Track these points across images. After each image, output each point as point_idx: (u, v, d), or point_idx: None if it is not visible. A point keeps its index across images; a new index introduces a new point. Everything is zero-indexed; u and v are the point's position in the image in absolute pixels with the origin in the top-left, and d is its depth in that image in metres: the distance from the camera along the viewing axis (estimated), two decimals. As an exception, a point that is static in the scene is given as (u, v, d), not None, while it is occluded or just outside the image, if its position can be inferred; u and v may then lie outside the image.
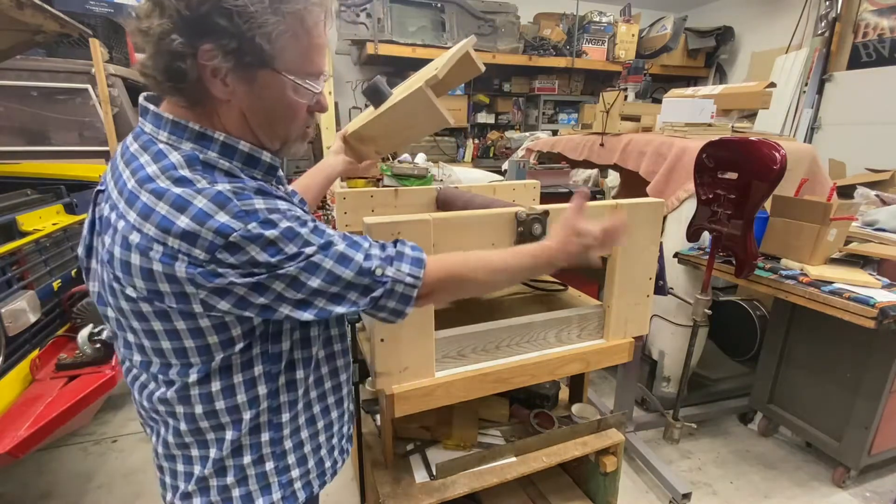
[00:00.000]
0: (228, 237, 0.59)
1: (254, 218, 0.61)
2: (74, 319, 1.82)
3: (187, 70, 0.62)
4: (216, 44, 0.61)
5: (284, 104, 0.69)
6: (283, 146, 0.75)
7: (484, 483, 1.21)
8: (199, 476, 0.77)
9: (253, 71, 0.65)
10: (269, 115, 0.70)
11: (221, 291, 0.62)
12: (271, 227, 0.62)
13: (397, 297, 0.72)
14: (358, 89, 5.22)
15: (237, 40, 0.61)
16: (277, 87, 0.67)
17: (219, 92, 0.65)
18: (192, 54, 0.61)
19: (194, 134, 0.66)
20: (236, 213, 0.60)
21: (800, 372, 2.14)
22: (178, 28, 0.60)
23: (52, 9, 1.69)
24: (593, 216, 1.10)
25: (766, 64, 4.80)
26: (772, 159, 1.53)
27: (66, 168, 2.49)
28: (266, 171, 0.73)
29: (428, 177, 3.80)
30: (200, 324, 0.67)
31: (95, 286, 0.74)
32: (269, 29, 0.62)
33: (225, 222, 0.59)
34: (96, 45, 2.51)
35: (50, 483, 1.99)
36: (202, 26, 0.60)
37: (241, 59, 0.63)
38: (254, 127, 0.70)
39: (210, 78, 0.64)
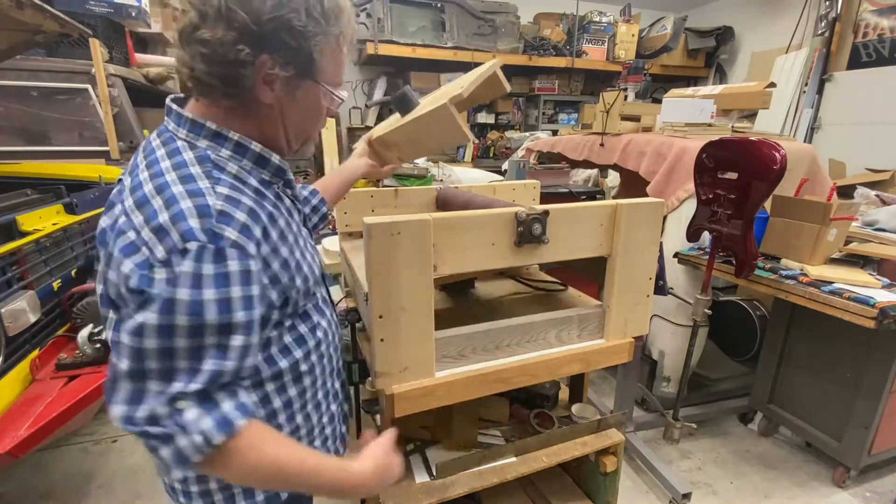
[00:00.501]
0: (187, 241, 0.60)
1: (215, 242, 0.61)
2: (74, 319, 1.82)
3: (246, 76, 0.68)
4: (275, 55, 0.68)
5: (317, 109, 0.79)
6: (303, 145, 0.84)
7: (484, 483, 1.21)
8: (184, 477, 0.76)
9: (300, 80, 0.73)
10: (303, 118, 0.78)
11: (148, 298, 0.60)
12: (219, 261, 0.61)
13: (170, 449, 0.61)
14: (358, 89, 5.23)
15: (293, 54, 0.69)
16: (315, 94, 0.76)
17: (266, 97, 0.71)
18: (252, 63, 0.67)
19: (210, 132, 0.71)
20: (206, 228, 0.61)
21: (800, 372, 2.14)
22: (245, 39, 0.65)
23: (52, 9, 1.69)
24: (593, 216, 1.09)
25: (766, 64, 4.80)
26: (772, 159, 1.53)
27: (66, 168, 2.49)
28: (274, 173, 0.78)
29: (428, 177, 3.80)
30: None
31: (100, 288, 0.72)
32: (320, 46, 0.71)
33: (194, 228, 0.60)
34: (96, 45, 2.51)
35: (50, 483, 2.00)
36: (266, 40, 0.66)
37: (294, 70, 0.70)
38: (287, 128, 0.77)
39: (261, 85, 0.70)
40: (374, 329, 0.99)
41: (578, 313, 1.23)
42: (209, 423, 0.61)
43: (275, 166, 0.77)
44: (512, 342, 1.17)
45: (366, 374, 1.33)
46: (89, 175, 2.43)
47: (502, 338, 1.16)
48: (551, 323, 1.21)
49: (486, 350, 1.15)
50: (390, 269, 0.96)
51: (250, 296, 0.65)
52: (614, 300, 1.23)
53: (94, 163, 2.70)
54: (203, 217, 0.61)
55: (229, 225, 0.63)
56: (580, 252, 1.16)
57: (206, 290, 0.61)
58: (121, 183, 0.71)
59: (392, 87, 5.00)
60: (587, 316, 1.25)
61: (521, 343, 1.18)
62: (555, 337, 1.22)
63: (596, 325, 1.26)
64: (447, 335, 1.10)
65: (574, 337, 1.24)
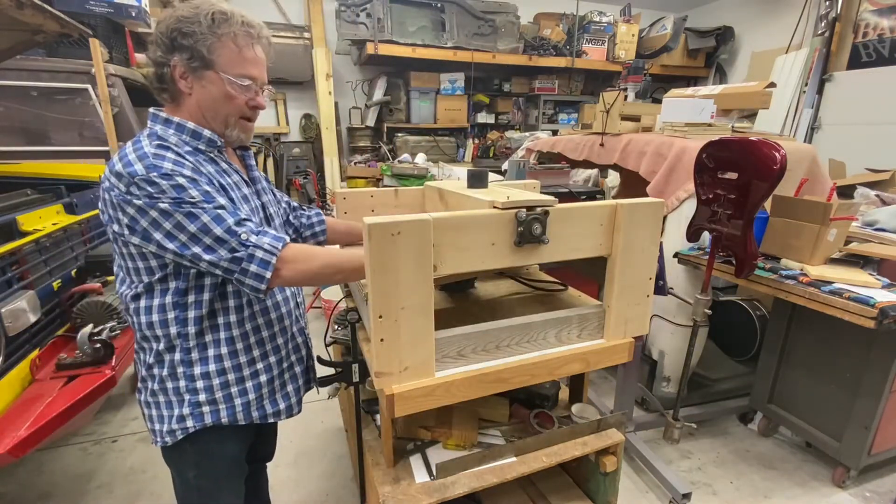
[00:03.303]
0: (134, 178, 0.90)
1: (157, 170, 0.91)
2: (74, 319, 1.82)
3: (165, 74, 1.00)
4: (179, 55, 0.98)
5: (223, 94, 1.02)
6: (226, 129, 1.06)
7: (484, 483, 1.21)
8: (142, 376, 1.09)
9: (202, 71, 1.00)
10: (213, 103, 1.03)
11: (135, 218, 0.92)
12: (168, 179, 0.91)
13: (257, 261, 0.94)
14: (358, 89, 5.23)
15: (191, 52, 0.97)
16: (217, 82, 1.01)
17: (183, 88, 1.01)
18: (167, 63, 0.99)
19: (162, 119, 1.03)
20: (147, 165, 0.91)
21: (800, 372, 2.14)
22: (161, 48, 0.99)
23: (52, 9, 1.69)
24: (593, 216, 1.09)
25: (766, 64, 4.80)
26: (772, 159, 1.53)
27: (66, 168, 2.49)
28: (207, 143, 1.04)
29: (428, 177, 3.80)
30: (130, 249, 0.98)
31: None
32: (209, 43, 0.98)
33: (136, 168, 0.91)
34: (96, 45, 2.51)
35: (50, 483, 2.00)
36: (173, 45, 0.98)
37: (193, 63, 0.99)
38: (204, 111, 1.04)
39: (178, 79, 1.01)
40: (374, 329, 0.99)
41: (578, 313, 1.23)
42: (269, 239, 0.96)
43: (206, 138, 1.04)
44: (512, 342, 1.17)
45: (366, 374, 1.33)
46: (89, 175, 2.43)
47: (502, 338, 1.16)
48: (551, 323, 1.21)
49: (486, 350, 1.15)
50: (390, 269, 0.96)
51: (206, 190, 0.94)
52: (614, 300, 1.23)
53: (94, 163, 2.70)
54: (142, 160, 0.92)
55: (164, 160, 0.93)
56: (580, 252, 1.16)
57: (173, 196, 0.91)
58: None
59: (392, 87, 5.00)
60: (587, 316, 1.24)
61: (520, 343, 1.18)
62: (555, 337, 1.22)
63: (596, 325, 1.26)
64: (447, 335, 1.10)
65: (574, 337, 1.24)
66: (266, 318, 1.13)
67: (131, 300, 1.02)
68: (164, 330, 1.02)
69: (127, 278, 1.02)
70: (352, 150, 5.23)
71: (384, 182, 4.14)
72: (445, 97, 5.07)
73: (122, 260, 1.01)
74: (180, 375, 1.04)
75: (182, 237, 0.92)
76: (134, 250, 0.97)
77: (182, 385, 1.05)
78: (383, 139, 5.05)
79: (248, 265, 0.93)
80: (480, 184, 1.33)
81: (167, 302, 1.00)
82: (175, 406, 1.05)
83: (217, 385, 1.06)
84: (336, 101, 4.90)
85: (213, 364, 1.06)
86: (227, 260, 0.93)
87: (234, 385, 1.08)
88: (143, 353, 1.07)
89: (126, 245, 0.97)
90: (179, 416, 1.05)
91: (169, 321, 1.01)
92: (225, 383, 1.07)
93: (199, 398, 1.05)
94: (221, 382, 1.07)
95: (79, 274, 2.00)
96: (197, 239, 0.92)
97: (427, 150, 4.85)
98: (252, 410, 1.11)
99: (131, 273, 1.00)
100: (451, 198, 1.39)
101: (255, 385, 1.12)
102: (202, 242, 0.92)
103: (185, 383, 1.04)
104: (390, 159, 4.64)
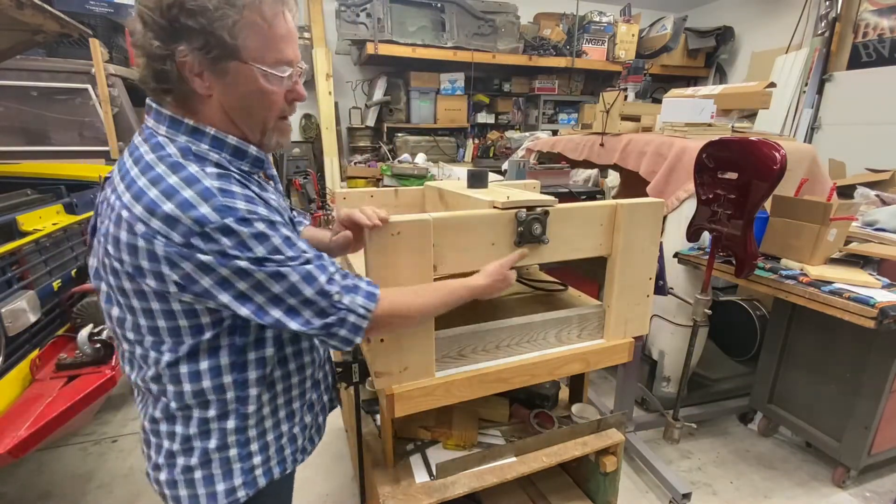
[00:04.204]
0: (205, 227, 0.66)
1: (232, 214, 0.67)
2: (74, 319, 1.82)
3: (169, 71, 0.70)
4: (187, 43, 0.68)
5: (258, 92, 0.75)
6: (262, 137, 0.80)
7: (484, 483, 1.21)
8: (168, 450, 0.83)
9: (223, 64, 0.71)
10: (245, 105, 0.76)
11: (191, 276, 0.68)
12: (247, 225, 0.68)
13: (348, 326, 0.78)
14: (358, 89, 5.23)
15: (204, 37, 0.68)
16: (249, 76, 0.73)
17: (200, 88, 0.72)
18: (170, 56, 0.69)
19: (189, 129, 0.74)
20: (217, 206, 0.67)
21: (800, 372, 2.14)
22: (158, 35, 0.68)
23: (52, 9, 1.69)
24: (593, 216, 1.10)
25: (766, 64, 4.80)
26: (772, 159, 1.53)
27: (66, 168, 2.49)
28: (252, 163, 0.80)
29: (428, 177, 3.80)
30: (172, 307, 0.73)
31: (95, 262, 0.80)
32: (228, 22, 0.68)
33: (205, 213, 0.66)
34: (96, 45, 2.51)
35: (50, 483, 1.99)
36: (175, 30, 0.68)
37: (210, 54, 0.69)
38: (234, 118, 0.76)
39: (190, 76, 0.71)
40: (374, 329, 0.99)
41: (578, 313, 1.24)
42: (362, 299, 0.79)
43: (252, 157, 0.79)
44: (512, 342, 1.17)
45: (366, 374, 1.33)
46: (89, 175, 2.43)
47: (502, 338, 1.16)
48: (551, 323, 1.21)
49: (486, 350, 1.15)
50: (390, 269, 0.96)
51: (287, 236, 0.74)
52: (614, 300, 1.23)
53: (94, 163, 2.70)
54: (207, 199, 0.67)
55: (234, 197, 0.69)
56: (580, 252, 1.16)
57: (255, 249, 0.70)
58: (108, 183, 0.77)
59: (392, 87, 5.00)
60: (587, 316, 1.25)
61: (520, 343, 1.18)
62: (555, 337, 1.22)
63: (596, 325, 1.26)
64: (447, 335, 1.10)
65: (574, 337, 1.24)
66: (310, 357, 0.97)
67: (168, 366, 0.77)
68: (218, 395, 0.80)
69: (157, 340, 0.76)
70: (352, 150, 5.23)
71: (384, 182, 4.15)
72: (445, 97, 5.07)
73: (148, 319, 0.75)
74: (232, 444, 0.84)
75: (259, 299, 0.72)
76: (178, 307, 0.73)
77: (233, 453, 0.84)
78: (383, 139, 5.05)
79: (337, 330, 0.77)
80: (480, 184, 1.33)
81: (223, 364, 0.79)
82: (221, 479, 0.84)
83: (271, 441, 0.89)
84: (336, 101, 4.90)
85: (269, 420, 0.88)
86: (317, 328, 0.76)
87: (286, 435, 0.92)
88: (176, 425, 0.82)
89: (164, 301, 0.73)
90: (229, 489, 0.85)
91: (226, 386, 0.80)
92: (279, 435, 0.91)
93: (252, 462, 0.87)
94: (276, 436, 0.90)
95: (79, 274, 1.99)
96: (279, 301, 0.73)
97: (427, 150, 4.85)
98: (298, 455, 0.96)
99: (164, 333, 0.75)
100: (451, 198, 1.39)
101: (302, 427, 0.96)
102: (285, 304, 0.73)
103: (236, 451, 0.85)
104: (390, 159, 4.64)
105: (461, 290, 0.97)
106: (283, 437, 0.91)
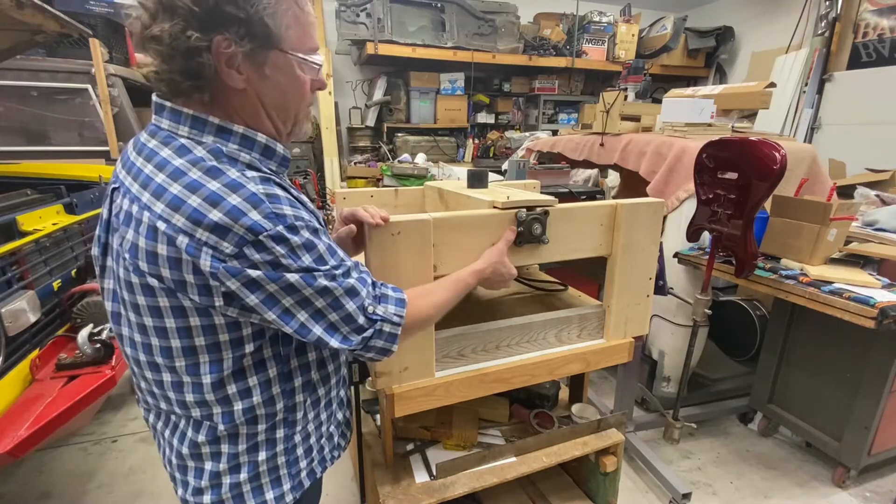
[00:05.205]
0: (258, 235, 0.62)
1: (282, 221, 0.64)
2: (74, 319, 1.82)
3: (205, 65, 0.64)
4: (228, 32, 0.63)
5: (295, 82, 0.73)
6: (294, 127, 0.78)
7: (484, 483, 1.21)
8: (213, 472, 0.78)
9: (264, 54, 0.67)
10: (282, 97, 0.73)
11: (243, 289, 0.64)
12: (296, 233, 0.66)
13: (385, 336, 0.76)
14: (358, 89, 5.22)
15: (246, 25, 0.64)
16: (287, 66, 0.70)
17: (235, 82, 0.67)
18: (207, 48, 0.63)
19: (215, 127, 0.68)
20: (268, 213, 0.63)
21: (800, 372, 2.14)
22: (192, 25, 0.62)
23: (52, 9, 1.69)
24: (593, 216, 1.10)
25: (766, 64, 4.80)
26: (772, 159, 1.53)
27: (66, 168, 2.48)
28: (280, 163, 0.77)
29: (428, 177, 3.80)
30: (215, 321, 0.69)
31: (110, 283, 0.74)
32: (271, 10, 0.65)
33: (258, 220, 0.62)
34: (96, 45, 2.51)
35: (50, 483, 1.99)
36: (213, 18, 0.62)
37: (253, 43, 0.65)
38: (269, 110, 0.73)
39: (226, 69, 0.66)
40: (374, 329, 0.99)
41: (578, 313, 1.24)
42: (393, 307, 0.77)
43: (280, 156, 0.76)
44: (512, 342, 1.17)
45: (366, 374, 1.33)
46: (89, 175, 2.43)
47: (502, 338, 1.16)
48: (551, 323, 1.21)
49: (486, 350, 1.15)
50: (390, 269, 0.96)
51: (329, 244, 0.72)
52: (614, 300, 1.23)
53: (94, 163, 2.70)
54: (258, 206, 0.63)
55: (282, 203, 0.66)
56: (580, 252, 1.16)
57: (303, 257, 0.67)
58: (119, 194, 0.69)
59: (392, 87, 5.00)
60: (587, 316, 1.25)
61: (520, 343, 1.18)
62: (555, 337, 1.22)
63: (596, 325, 1.26)
64: (447, 335, 1.10)
65: (574, 337, 1.24)
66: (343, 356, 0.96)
67: (213, 388, 0.72)
68: (268, 409, 0.77)
69: (193, 362, 0.71)
70: (352, 150, 5.23)
71: (384, 182, 4.14)
72: (445, 97, 5.07)
73: (184, 339, 0.69)
74: (281, 452, 0.82)
75: (303, 315, 0.69)
76: (221, 321, 0.69)
77: (282, 461, 0.83)
78: (383, 139, 5.05)
79: (375, 342, 0.76)
80: (480, 184, 1.33)
81: (271, 376, 0.76)
82: (270, 488, 0.82)
83: (314, 443, 0.89)
84: (336, 101, 4.90)
85: (312, 424, 0.87)
86: (356, 343, 0.74)
87: (325, 436, 0.91)
88: (222, 444, 0.77)
89: (206, 315, 0.68)
90: (278, 496, 0.82)
91: (276, 397, 0.78)
92: (320, 437, 0.90)
93: (299, 466, 0.86)
94: (317, 438, 0.89)
95: (79, 274, 1.99)
96: (321, 316, 0.70)
97: (427, 150, 4.85)
98: (335, 451, 0.96)
99: (202, 352, 0.70)
100: (451, 198, 1.39)
101: (336, 424, 0.96)
102: (326, 320, 0.70)
103: (284, 459, 0.83)
104: (390, 159, 4.64)
105: (467, 276, 0.97)
106: (322, 438, 0.91)
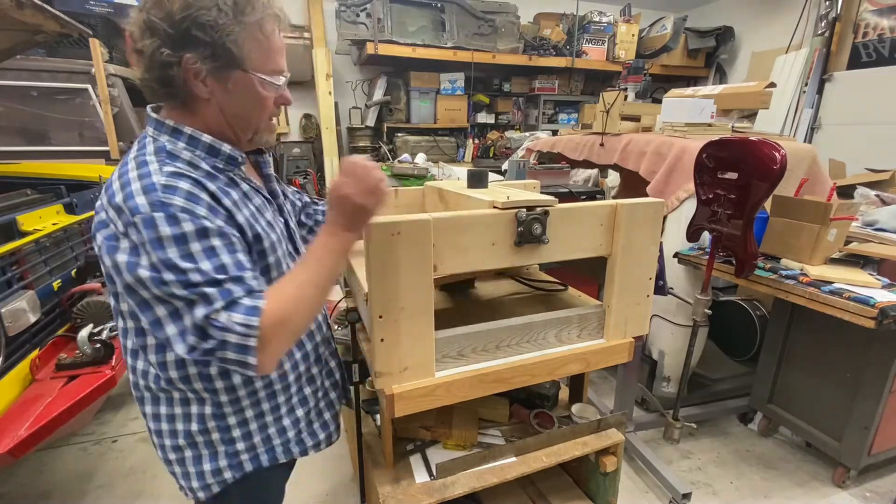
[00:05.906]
0: (135, 216, 0.71)
1: (164, 209, 0.71)
2: (74, 319, 1.82)
3: (175, 76, 0.77)
4: (195, 52, 0.76)
5: (254, 98, 0.84)
6: (254, 136, 0.89)
7: (484, 483, 1.20)
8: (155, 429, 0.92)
9: (227, 72, 0.80)
10: (242, 108, 0.85)
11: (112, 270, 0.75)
12: (172, 224, 0.71)
13: (233, 347, 0.71)
14: (358, 89, 5.23)
15: (211, 48, 0.76)
16: (248, 84, 0.82)
17: (201, 92, 0.80)
18: (177, 63, 0.76)
19: (169, 129, 0.82)
20: (153, 200, 0.71)
21: (800, 372, 2.14)
22: (167, 43, 0.75)
23: (52, 9, 1.69)
24: (593, 216, 1.09)
25: (766, 64, 4.80)
26: (772, 159, 1.53)
27: (66, 168, 2.49)
28: (227, 161, 0.85)
29: (428, 177, 3.80)
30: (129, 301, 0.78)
31: None
32: (235, 36, 0.77)
33: (140, 203, 0.71)
34: (96, 45, 2.51)
35: (50, 483, 1.99)
36: (184, 39, 0.75)
37: (216, 63, 0.78)
38: (229, 119, 0.84)
39: (193, 81, 0.78)
40: (374, 329, 0.99)
41: (578, 313, 1.23)
42: (240, 315, 0.71)
43: (226, 155, 0.85)
44: (512, 342, 1.17)
45: (366, 374, 1.33)
46: (89, 175, 2.43)
47: (502, 338, 1.16)
48: (551, 323, 1.21)
49: (486, 350, 1.15)
50: (390, 269, 0.96)
51: (211, 246, 0.74)
52: (614, 300, 1.23)
53: (94, 163, 2.70)
54: (148, 193, 0.72)
55: (175, 194, 0.73)
56: (580, 252, 1.16)
57: (168, 250, 0.70)
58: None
59: (392, 87, 5.00)
60: (587, 316, 1.24)
61: (520, 343, 1.18)
62: (555, 337, 1.22)
63: (596, 325, 1.26)
64: (447, 335, 1.10)
65: (574, 337, 1.24)
66: (302, 352, 1.02)
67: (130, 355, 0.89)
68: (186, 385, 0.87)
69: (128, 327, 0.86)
70: (352, 150, 5.22)
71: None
72: (445, 97, 5.07)
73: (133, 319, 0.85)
74: (213, 429, 0.91)
75: (161, 311, 0.72)
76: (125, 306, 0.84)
77: (216, 437, 0.92)
78: (383, 139, 5.05)
79: (223, 353, 0.72)
80: (480, 184, 1.33)
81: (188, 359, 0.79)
82: (208, 460, 0.92)
83: (255, 429, 0.95)
84: (336, 101, 4.90)
85: (251, 410, 0.93)
86: (200, 353, 0.72)
87: (271, 426, 0.97)
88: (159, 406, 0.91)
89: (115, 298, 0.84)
90: (215, 469, 0.93)
91: (192, 377, 0.86)
92: (263, 426, 0.96)
93: (236, 447, 0.93)
94: (259, 426, 0.95)
95: (79, 274, 2.00)
96: (176, 318, 0.72)
97: (427, 150, 4.85)
98: (291, 447, 1.02)
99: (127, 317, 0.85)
100: (451, 198, 1.39)
101: (293, 421, 1.01)
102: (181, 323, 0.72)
103: (218, 435, 0.92)
104: (390, 159, 4.63)
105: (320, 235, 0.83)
106: (268, 428, 0.97)
